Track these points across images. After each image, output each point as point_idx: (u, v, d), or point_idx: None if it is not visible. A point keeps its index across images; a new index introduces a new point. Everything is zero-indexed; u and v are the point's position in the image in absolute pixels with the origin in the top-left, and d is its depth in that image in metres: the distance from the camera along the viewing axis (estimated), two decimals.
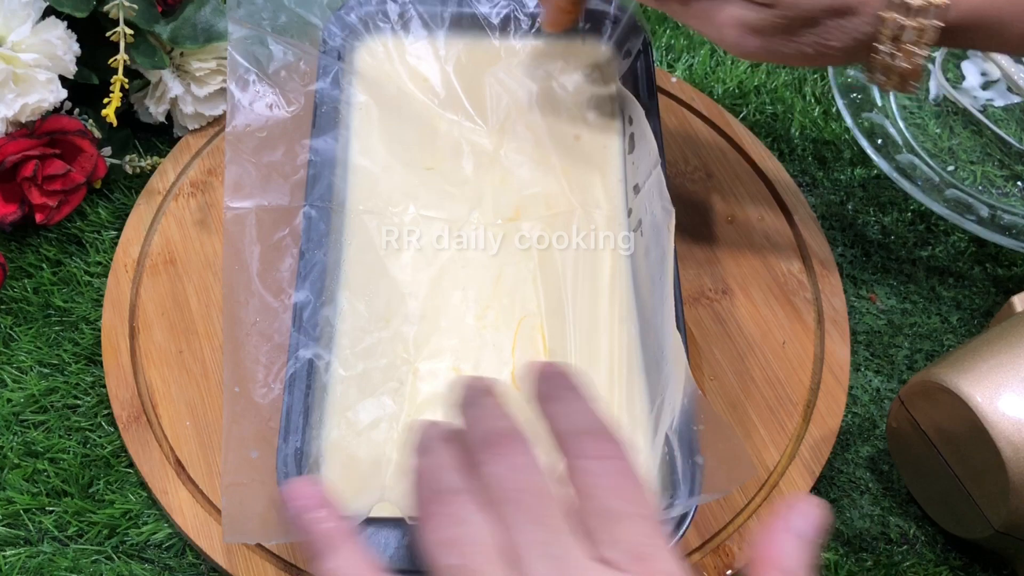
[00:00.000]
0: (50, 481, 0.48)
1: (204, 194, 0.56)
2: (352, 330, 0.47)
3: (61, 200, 0.54)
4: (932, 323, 0.55)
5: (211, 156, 0.58)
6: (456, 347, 0.47)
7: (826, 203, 0.59)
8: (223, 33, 0.55)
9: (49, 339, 0.52)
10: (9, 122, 0.52)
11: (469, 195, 0.52)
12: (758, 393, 0.51)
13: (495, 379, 0.35)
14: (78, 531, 0.47)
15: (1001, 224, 0.56)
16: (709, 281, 0.54)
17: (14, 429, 0.49)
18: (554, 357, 0.47)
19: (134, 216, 0.55)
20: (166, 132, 0.59)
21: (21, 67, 0.52)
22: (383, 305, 0.48)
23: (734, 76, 0.63)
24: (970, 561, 0.48)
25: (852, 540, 0.48)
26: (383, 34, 0.57)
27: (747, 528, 0.47)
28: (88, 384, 0.51)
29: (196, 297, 0.53)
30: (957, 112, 0.63)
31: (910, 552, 0.48)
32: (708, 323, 0.53)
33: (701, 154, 0.59)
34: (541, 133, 0.54)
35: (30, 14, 0.52)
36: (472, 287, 0.49)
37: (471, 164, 0.53)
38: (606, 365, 0.47)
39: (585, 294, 0.49)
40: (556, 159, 0.53)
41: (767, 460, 0.49)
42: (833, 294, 0.54)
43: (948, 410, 0.43)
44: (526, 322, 0.48)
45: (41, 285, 0.54)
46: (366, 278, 0.49)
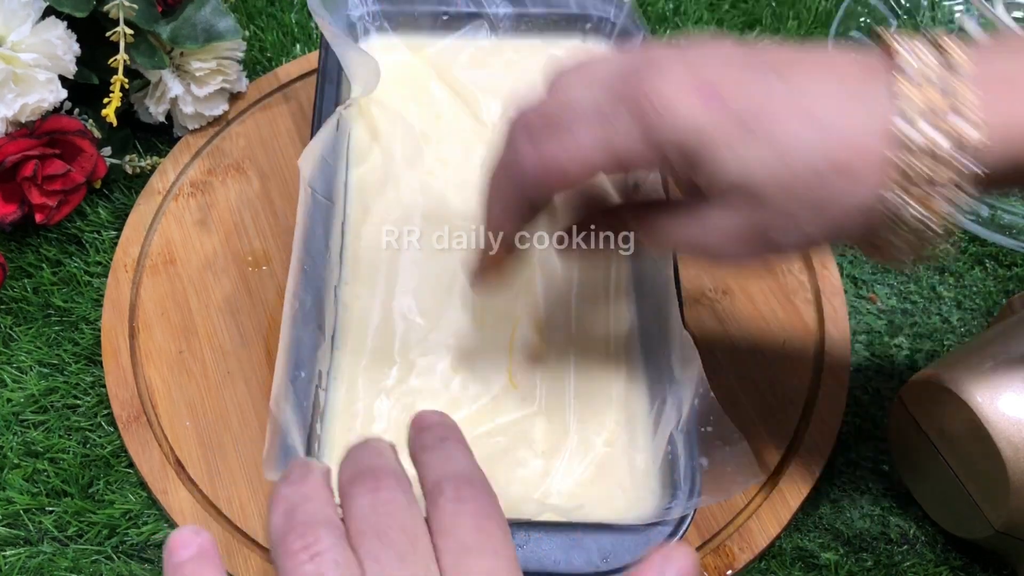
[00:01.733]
0: (50, 481, 0.48)
1: (204, 194, 0.56)
2: (353, 326, 0.47)
3: (61, 200, 0.54)
4: (932, 323, 0.55)
5: (211, 156, 0.58)
6: (454, 345, 0.47)
7: None
8: (223, 33, 0.55)
9: (49, 339, 0.52)
10: (9, 122, 0.52)
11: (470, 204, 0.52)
12: (758, 393, 0.51)
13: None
14: (78, 531, 0.47)
15: (1001, 224, 0.56)
16: (709, 281, 0.54)
17: (14, 429, 0.49)
18: (552, 356, 0.47)
19: (134, 216, 0.55)
20: (166, 132, 0.59)
21: (21, 67, 0.52)
22: (383, 301, 0.48)
23: None
24: (970, 561, 0.48)
25: (852, 540, 0.48)
26: (383, 35, 0.57)
27: (747, 528, 0.47)
28: (88, 384, 0.51)
29: (196, 297, 0.53)
30: None
31: (910, 552, 0.48)
32: (708, 323, 0.53)
33: None
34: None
35: (30, 14, 0.52)
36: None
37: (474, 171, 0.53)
38: (605, 363, 0.47)
39: (585, 293, 0.49)
40: None
41: (767, 460, 0.49)
42: (833, 294, 0.54)
43: (948, 410, 0.43)
44: (524, 321, 0.48)
45: (41, 285, 0.54)
46: (366, 274, 0.49)
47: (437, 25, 0.57)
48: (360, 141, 0.53)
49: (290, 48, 0.64)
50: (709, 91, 0.33)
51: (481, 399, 0.46)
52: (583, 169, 0.35)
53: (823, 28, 0.66)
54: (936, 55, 0.33)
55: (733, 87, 0.33)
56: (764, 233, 0.35)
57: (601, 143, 0.34)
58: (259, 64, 0.63)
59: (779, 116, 0.33)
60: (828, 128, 0.33)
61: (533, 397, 0.46)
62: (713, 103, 0.33)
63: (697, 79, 0.33)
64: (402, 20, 0.57)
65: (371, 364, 0.46)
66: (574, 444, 0.45)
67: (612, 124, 0.34)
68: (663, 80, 0.33)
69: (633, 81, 0.34)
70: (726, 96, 0.33)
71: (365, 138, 0.53)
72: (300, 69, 0.61)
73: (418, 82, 0.56)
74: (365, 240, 0.50)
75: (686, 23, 0.66)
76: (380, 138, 0.53)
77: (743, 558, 0.46)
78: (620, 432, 0.45)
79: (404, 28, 0.57)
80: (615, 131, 0.34)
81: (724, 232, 0.35)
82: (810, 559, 0.47)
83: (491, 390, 0.46)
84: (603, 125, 0.34)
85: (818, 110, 0.33)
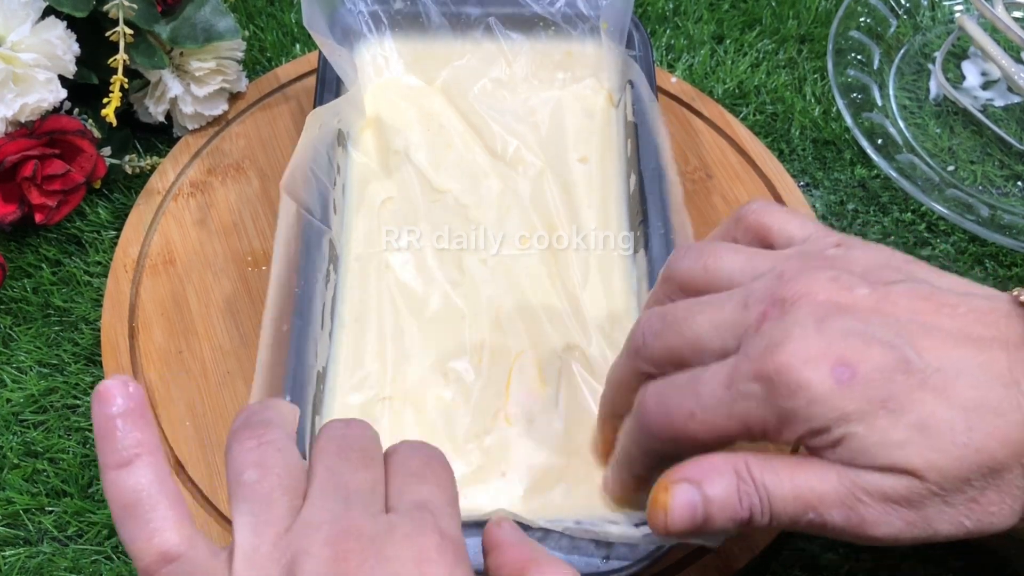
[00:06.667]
0: (50, 481, 0.48)
1: (204, 194, 0.56)
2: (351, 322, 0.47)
3: (61, 200, 0.54)
4: None
5: (211, 156, 0.58)
6: (452, 344, 0.47)
7: (826, 203, 0.59)
8: (223, 33, 0.55)
9: (49, 339, 0.52)
10: (8, 122, 0.52)
11: (473, 214, 0.52)
12: None
13: None
14: (78, 531, 0.47)
15: (1001, 224, 0.56)
16: None
17: (14, 429, 0.49)
18: (550, 390, 0.47)
19: (134, 216, 0.55)
20: (166, 132, 0.59)
21: (21, 67, 0.51)
22: (380, 298, 0.48)
23: (734, 76, 0.63)
24: (970, 561, 0.48)
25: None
26: (381, 37, 0.57)
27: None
28: (88, 384, 0.51)
29: (196, 297, 0.53)
30: (957, 112, 0.63)
31: (910, 552, 0.48)
32: None
33: (701, 154, 0.59)
34: (539, 142, 0.55)
35: (30, 14, 0.52)
36: (470, 284, 0.49)
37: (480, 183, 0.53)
38: (604, 362, 0.47)
39: (584, 293, 0.49)
40: (555, 171, 0.53)
41: None
42: None
43: None
44: (523, 321, 0.48)
45: (41, 285, 0.54)
46: (364, 273, 0.49)
47: (438, 26, 0.57)
48: (363, 168, 0.53)
49: (290, 48, 0.64)
50: (845, 371, 0.31)
51: (475, 432, 0.45)
52: (713, 437, 0.33)
53: (823, 28, 0.66)
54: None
55: (869, 363, 0.31)
56: (923, 514, 0.32)
57: (734, 418, 0.33)
58: (259, 64, 0.63)
59: (926, 400, 0.31)
60: (981, 425, 0.31)
61: (530, 431, 0.45)
62: (851, 386, 0.31)
63: (831, 355, 0.31)
64: (402, 21, 0.57)
65: (369, 359, 0.46)
66: (573, 466, 0.44)
67: (743, 395, 0.32)
68: (793, 355, 0.32)
69: (759, 349, 0.32)
70: (862, 375, 0.31)
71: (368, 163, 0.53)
72: (300, 69, 0.61)
73: (425, 108, 0.56)
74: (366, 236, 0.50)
75: (686, 23, 0.66)
76: (387, 161, 0.53)
77: (743, 558, 0.46)
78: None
79: (405, 29, 0.57)
80: (747, 405, 0.32)
81: (882, 503, 0.32)
82: (810, 559, 0.47)
83: (486, 424, 0.45)
84: (733, 396, 0.33)
85: (969, 399, 0.31)
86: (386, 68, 0.57)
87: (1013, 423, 0.31)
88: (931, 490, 0.31)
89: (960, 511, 0.32)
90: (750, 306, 0.33)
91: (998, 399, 0.31)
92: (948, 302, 0.33)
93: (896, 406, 0.31)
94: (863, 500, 0.32)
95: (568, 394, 0.46)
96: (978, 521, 0.32)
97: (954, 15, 0.67)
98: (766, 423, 0.32)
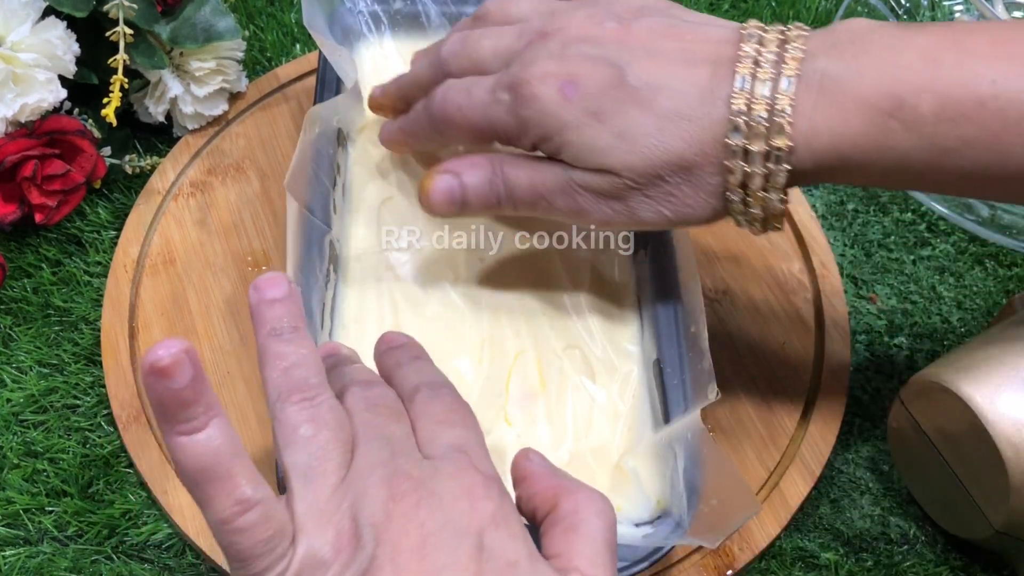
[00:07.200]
0: (50, 481, 0.48)
1: (204, 194, 0.56)
2: (351, 322, 0.47)
3: (61, 200, 0.54)
4: (932, 323, 0.55)
5: (211, 156, 0.58)
6: (452, 344, 0.47)
7: (826, 203, 0.59)
8: (223, 33, 0.55)
9: (49, 339, 0.52)
10: (8, 122, 0.52)
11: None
12: (758, 393, 0.51)
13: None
14: (78, 531, 0.47)
15: (1001, 224, 0.56)
16: (709, 281, 0.54)
17: (14, 429, 0.49)
18: (551, 388, 0.47)
19: (134, 216, 0.55)
20: (166, 132, 0.59)
21: (21, 67, 0.52)
22: (380, 298, 0.48)
23: None
24: (970, 561, 0.48)
25: (852, 540, 0.48)
26: (381, 37, 0.57)
27: (747, 528, 0.47)
28: (88, 384, 0.51)
29: (196, 297, 0.53)
30: None
31: (910, 552, 0.48)
32: (708, 323, 0.53)
33: None
34: None
35: (30, 14, 0.52)
36: (469, 284, 0.49)
37: None
38: (604, 361, 0.47)
39: (584, 293, 0.49)
40: None
41: (767, 460, 0.49)
42: (833, 294, 0.54)
43: (948, 410, 0.43)
44: (523, 321, 0.48)
45: (41, 285, 0.54)
46: (364, 273, 0.49)
47: (438, 26, 0.57)
48: (358, 176, 0.53)
49: (290, 48, 0.64)
50: (569, 87, 0.38)
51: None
52: (471, 130, 0.42)
53: (823, 27, 0.66)
54: (776, 51, 0.37)
55: (591, 81, 0.38)
56: (627, 204, 0.39)
57: (487, 119, 0.41)
58: (259, 64, 0.63)
59: (630, 111, 0.38)
60: (672, 130, 0.37)
61: (530, 432, 0.45)
62: (573, 100, 0.38)
63: (562, 74, 0.39)
64: (402, 21, 0.57)
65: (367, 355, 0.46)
66: (572, 467, 0.44)
67: (496, 101, 0.40)
68: (533, 72, 0.39)
69: (516, 67, 0.40)
70: (583, 90, 0.38)
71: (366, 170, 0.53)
72: (300, 69, 0.61)
73: None
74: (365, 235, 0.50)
75: None
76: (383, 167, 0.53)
77: (743, 558, 0.46)
78: (623, 452, 0.45)
79: (404, 29, 0.57)
80: (498, 109, 0.40)
81: (593, 194, 0.40)
82: (810, 559, 0.47)
83: (485, 424, 0.45)
84: (489, 101, 0.41)
85: (666, 108, 0.37)
86: (386, 68, 0.57)
87: (701, 127, 0.37)
88: (628, 185, 0.38)
89: (659, 202, 0.39)
90: (522, 37, 0.41)
91: (691, 107, 0.37)
92: (680, 31, 0.39)
93: (605, 117, 0.38)
94: (579, 192, 0.40)
95: (568, 394, 0.46)
96: (676, 211, 0.39)
97: (954, 15, 0.67)
98: (508, 127, 0.40)
